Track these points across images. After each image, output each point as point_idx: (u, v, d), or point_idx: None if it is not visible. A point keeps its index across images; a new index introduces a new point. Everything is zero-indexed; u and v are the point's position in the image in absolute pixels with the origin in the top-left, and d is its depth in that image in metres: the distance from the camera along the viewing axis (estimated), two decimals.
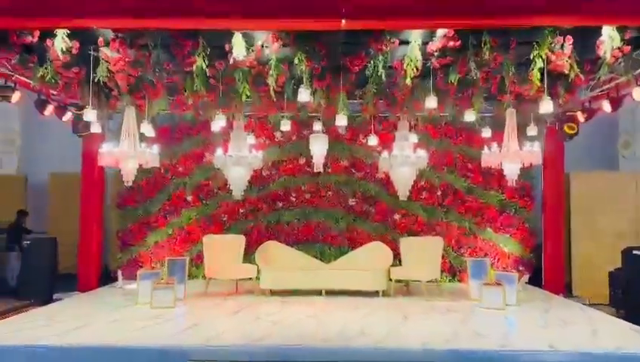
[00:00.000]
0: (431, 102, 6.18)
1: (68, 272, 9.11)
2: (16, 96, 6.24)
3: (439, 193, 9.06)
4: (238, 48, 5.02)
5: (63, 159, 9.90)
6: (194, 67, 5.56)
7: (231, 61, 5.34)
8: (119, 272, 8.45)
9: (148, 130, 7.34)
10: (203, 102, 7.16)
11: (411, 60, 5.55)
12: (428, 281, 7.45)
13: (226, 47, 5.40)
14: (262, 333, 5.10)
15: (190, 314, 6.15)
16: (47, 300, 8.37)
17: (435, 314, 6.22)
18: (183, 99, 6.96)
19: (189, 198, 9.22)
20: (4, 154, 11.86)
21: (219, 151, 7.02)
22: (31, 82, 6.30)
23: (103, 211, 9.12)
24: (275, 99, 6.07)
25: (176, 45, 5.47)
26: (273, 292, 7.37)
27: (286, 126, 7.45)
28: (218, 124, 6.98)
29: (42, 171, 11.43)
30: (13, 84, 6.24)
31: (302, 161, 9.20)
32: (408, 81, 5.60)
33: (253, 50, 5.36)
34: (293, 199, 9.20)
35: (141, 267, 8.67)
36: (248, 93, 6.01)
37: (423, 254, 7.58)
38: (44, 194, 11.28)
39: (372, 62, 5.66)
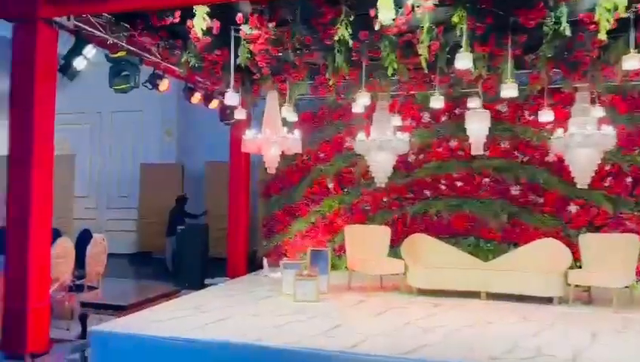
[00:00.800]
0: (631, 62, 4.80)
1: (220, 257, 9.36)
2: (164, 85, 6.31)
3: (629, 180, 7.38)
4: (385, 10, 4.30)
5: (217, 148, 10.20)
6: (336, 39, 4.99)
7: (376, 27, 4.64)
8: (264, 260, 8.40)
9: (290, 115, 7.05)
10: (345, 83, 6.65)
11: (607, 10, 4.29)
12: (617, 287, 6.01)
13: (371, 12, 4.71)
14: (413, 343, 4.38)
15: (333, 311, 5.67)
16: (199, 285, 8.67)
17: (631, 332, 4.90)
18: (324, 81, 6.51)
19: (331, 186, 8.82)
20: (164, 144, 12.76)
21: (361, 136, 6.42)
22: (177, 69, 6.33)
23: (250, 199, 9.18)
24: (426, 70, 5.23)
25: (316, 14, 4.95)
26: (421, 292, 6.59)
27: (438, 102, 6.54)
28: (361, 103, 6.36)
29: (198, 160, 12.06)
30: (161, 72, 6.32)
31: (453, 143, 8.21)
32: (603, 36, 4.34)
33: (402, 13, 4.59)
34: (443, 187, 8.27)
35: (285, 256, 8.51)
36: (395, 66, 5.27)
37: (611, 255, 6.14)
38: (200, 182, 11.89)
39: (552, 14, 4.52)
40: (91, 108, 12.88)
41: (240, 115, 6.83)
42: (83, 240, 6.90)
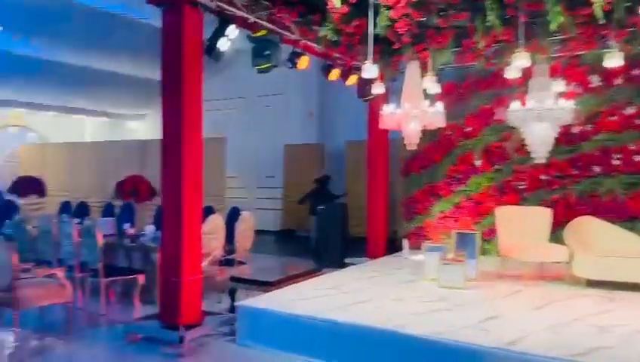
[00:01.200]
0: None
1: (361, 236, 9.24)
2: (303, 62, 6.23)
3: None
4: None
5: (357, 127, 10.03)
6: None
7: None
8: (405, 241, 8.06)
9: (432, 86, 6.52)
10: (496, 48, 5.92)
11: None
12: None
13: None
14: (585, 344, 3.72)
15: (484, 301, 5.13)
16: (339, 264, 8.65)
17: None
18: (471, 45, 5.87)
19: (478, 163, 8.09)
20: (306, 125, 13.00)
21: (515, 105, 5.66)
22: (315, 45, 6.21)
23: (390, 177, 8.86)
24: (601, 22, 4.35)
25: None
26: (591, 283, 5.69)
27: (614, 60, 5.49)
28: (517, 66, 5.58)
29: (339, 139, 12.08)
30: (300, 50, 6.24)
31: (630, 111, 6.94)
32: None
33: None
34: (617, 162, 7.06)
35: (426, 238, 8.06)
36: (561, 19, 4.47)
37: None
38: (340, 161, 11.91)
39: None
40: (238, 93, 13.61)
41: (378, 89, 6.51)
42: (233, 218, 7.23)
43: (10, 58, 10.63)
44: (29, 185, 7.95)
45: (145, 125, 16.05)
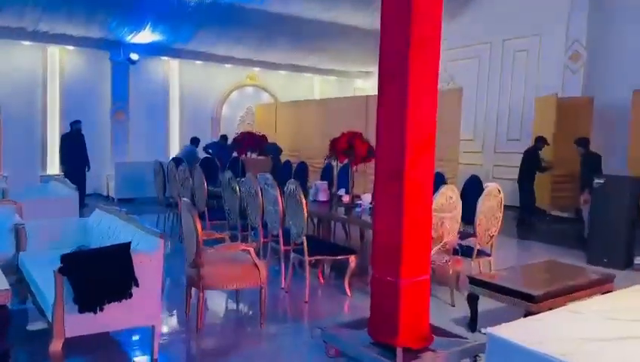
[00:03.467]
0: None
1: None
2: None
3: None
4: None
5: None
6: None
7: None
8: None
9: None
10: None
11: None
12: None
13: None
14: None
15: None
16: (624, 264, 6.06)
17: None
18: None
19: None
20: (566, 73, 10.05)
21: None
22: None
23: None
24: None
25: None
26: None
27: None
28: None
29: (618, 89, 8.96)
30: None
31: None
32: None
33: None
34: None
35: None
36: None
37: None
38: (620, 120, 8.78)
39: None
40: (480, 38, 11.35)
41: None
42: (472, 190, 5.41)
43: (243, 13, 10.53)
44: (251, 142, 7.44)
45: (371, 83, 15.05)
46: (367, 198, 5.46)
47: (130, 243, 3.23)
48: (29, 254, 4.15)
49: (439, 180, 5.11)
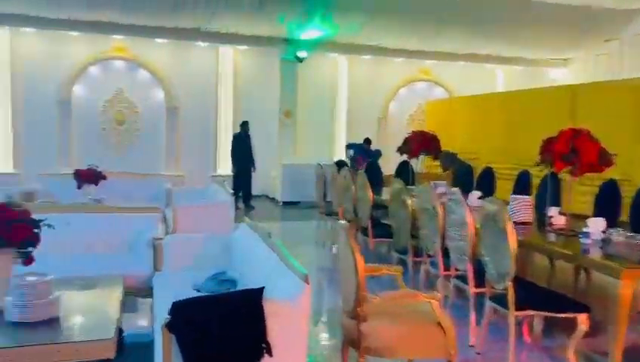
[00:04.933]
0: None
1: None
2: None
3: None
4: None
5: None
6: None
7: None
8: None
9: None
10: None
11: None
12: None
13: None
14: None
15: None
16: None
17: None
18: None
19: None
20: None
21: None
22: None
23: None
24: None
25: None
26: None
27: None
28: None
29: None
30: None
31: None
32: None
33: None
34: None
35: None
36: None
37: None
38: None
39: None
40: None
41: None
42: None
43: None
44: (422, 144, 6.16)
45: (569, 73, 12.53)
46: (598, 224, 3.79)
47: (262, 290, 2.26)
48: (163, 276, 3.52)
49: None
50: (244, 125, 9.81)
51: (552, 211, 4.60)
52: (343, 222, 3.05)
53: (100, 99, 10.32)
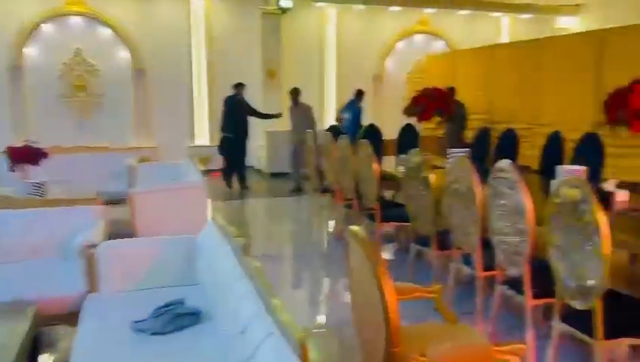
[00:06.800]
0: None
1: None
2: None
3: None
4: None
5: None
6: None
7: None
8: None
9: None
10: None
11: None
12: None
13: None
14: None
15: None
16: None
17: None
18: None
19: None
20: None
21: None
22: None
23: None
24: None
25: None
26: None
27: None
28: None
29: None
30: None
31: None
32: None
33: None
34: None
35: None
36: None
37: None
38: None
39: None
40: None
41: None
42: None
43: None
44: (435, 103, 5.05)
45: (581, 20, 11.36)
46: None
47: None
48: (95, 303, 2.46)
49: None
50: (239, 87, 8.24)
51: (610, 185, 3.60)
52: (355, 227, 1.96)
53: (57, 63, 9.01)
